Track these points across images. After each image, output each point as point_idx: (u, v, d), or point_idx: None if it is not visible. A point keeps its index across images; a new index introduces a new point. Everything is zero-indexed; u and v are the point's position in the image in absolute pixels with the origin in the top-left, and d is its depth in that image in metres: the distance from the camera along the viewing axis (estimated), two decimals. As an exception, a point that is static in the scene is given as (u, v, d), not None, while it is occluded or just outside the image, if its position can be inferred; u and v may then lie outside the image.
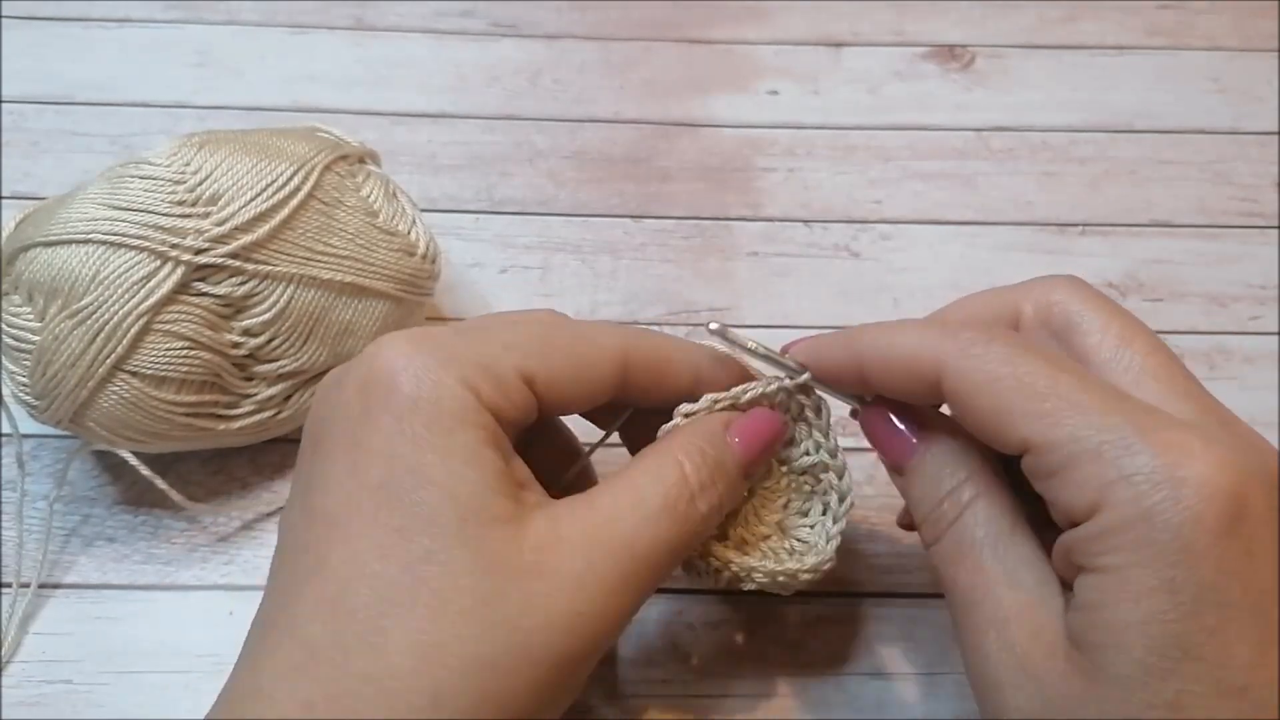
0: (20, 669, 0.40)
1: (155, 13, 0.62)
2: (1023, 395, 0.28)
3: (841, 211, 0.56)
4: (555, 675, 0.28)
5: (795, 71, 0.62)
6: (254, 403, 0.42)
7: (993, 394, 0.29)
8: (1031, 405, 0.28)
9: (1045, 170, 0.58)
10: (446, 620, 0.27)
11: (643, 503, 0.31)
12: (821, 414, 0.37)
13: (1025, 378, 0.29)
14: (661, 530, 0.31)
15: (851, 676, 0.41)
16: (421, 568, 0.28)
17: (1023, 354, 0.29)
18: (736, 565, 0.35)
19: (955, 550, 0.31)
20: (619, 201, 0.56)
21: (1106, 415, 0.27)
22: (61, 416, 0.40)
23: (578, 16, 0.64)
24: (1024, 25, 0.64)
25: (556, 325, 0.33)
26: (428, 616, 0.27)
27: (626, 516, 0.30)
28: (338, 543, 0.28)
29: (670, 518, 0.31)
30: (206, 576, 0.43)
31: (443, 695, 0.27)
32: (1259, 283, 0.53)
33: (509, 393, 0.31)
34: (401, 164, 0.56)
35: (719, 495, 0.32)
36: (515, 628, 0.28)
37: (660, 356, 0.34)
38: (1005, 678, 0.29)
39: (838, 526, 0.36)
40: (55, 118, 0.57)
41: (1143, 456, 0.26)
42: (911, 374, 0.31)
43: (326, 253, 0.41)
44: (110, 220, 0.39)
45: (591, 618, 0.29)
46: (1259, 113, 0.61)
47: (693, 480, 0.32)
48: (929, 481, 0.32)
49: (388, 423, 0.29)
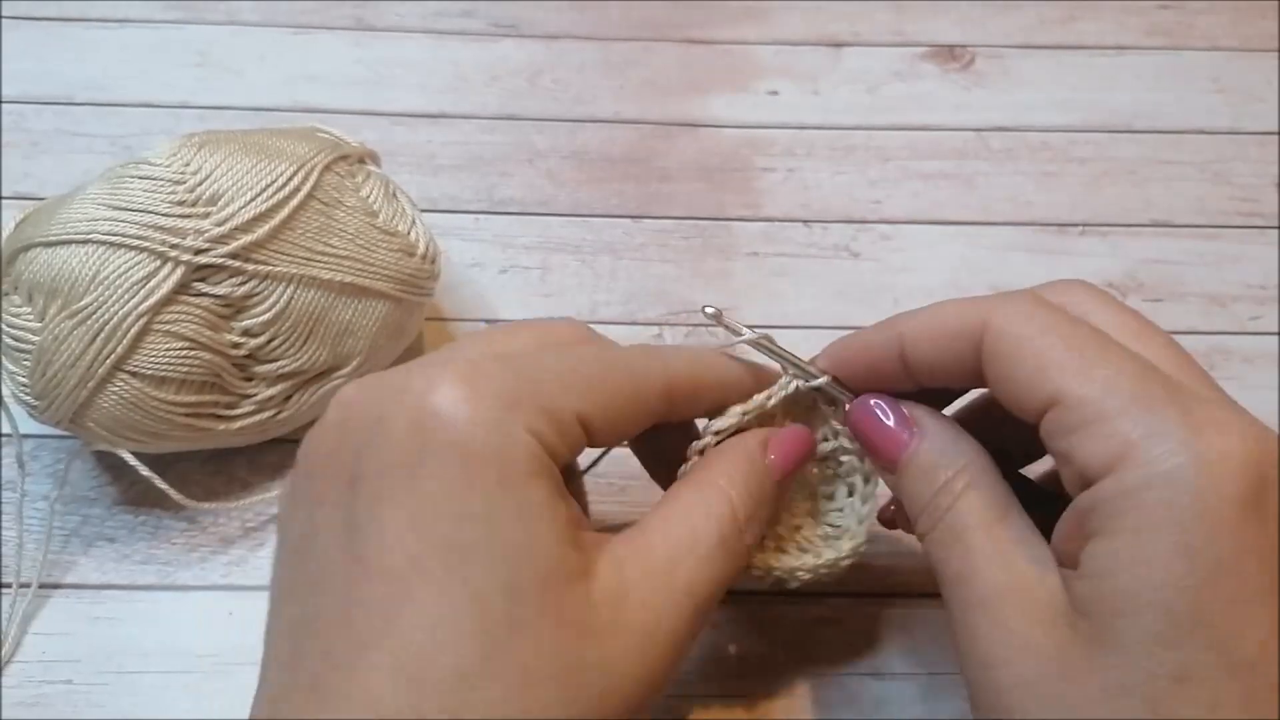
0: (20, 669, 0.40)
1: (155, 13, 0.62)
2: (1061, 349, 0.29)
3: (841, 211, 0.56)
4: None
5: (795, 71, 0.62)
6: (254, 403, 0.42)
7: (1026, 349, 0.29)
8: (1069, 359, 0.28)
9: (1045, 170, 0.58)
10: (530, 691, 0.26)
11: (698, 543, 0.30)
12: (834, 400, 0.36)
13: (1067, 335, 0.29)
14: (717, 570, 0.31)
15: (851, 676, 0.41)
16: (504, 637, 0.26)
17: (1060, 317, 0.30)
18: (779, 570, 0.35)
19: (948, 537, 0.31)
20: (619, 201, 0.56)
21: (1136, 380, 0.28)
22: (61, 417, 0.40)
23: (578, 16, 0.64)
24: (1023, 25, 0.64)
25: (606, 361, 0.32)
26: (512, 687, 0.26)
27: (685, 558, 0.30)
28: (407, 606, 0.26)
29: (724, 554, 0.31)
30: (206, 576, 0.43)
31: None
32: (1259, 283, 0.53)
33: (568, 437, 0.29)
34: (401, 164, 0.56)
35: (764, 522, 0.33)
36: (597, 691, 0.27)
37: (696, 379, 0.34)
38: (998, 654, 0.28)
39: (867, 506, 0.36)
40: (55, 118, 0.57)
41: (1171, 420, 0.26)
42: (956, 337, 0.31)
43: (326, 253, 0.41)
44: (110, 220, 0.39)
45: (659, 665, 0.29)
46: (1259, 113, 0.61)
47: (741, 514, 0.31)
48: (924, 475, 0.32)
49: (454, 474, 0.27)
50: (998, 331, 0.30)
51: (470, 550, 0.26)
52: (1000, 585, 0.29)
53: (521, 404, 0.28)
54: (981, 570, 0.30)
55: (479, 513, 0.27)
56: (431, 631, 0.26)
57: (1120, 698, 0.26)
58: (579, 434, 0.30)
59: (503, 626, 0.26)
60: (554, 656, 0.26)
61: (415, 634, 0.26)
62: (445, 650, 0.26)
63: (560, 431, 0.29)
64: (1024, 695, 0.28)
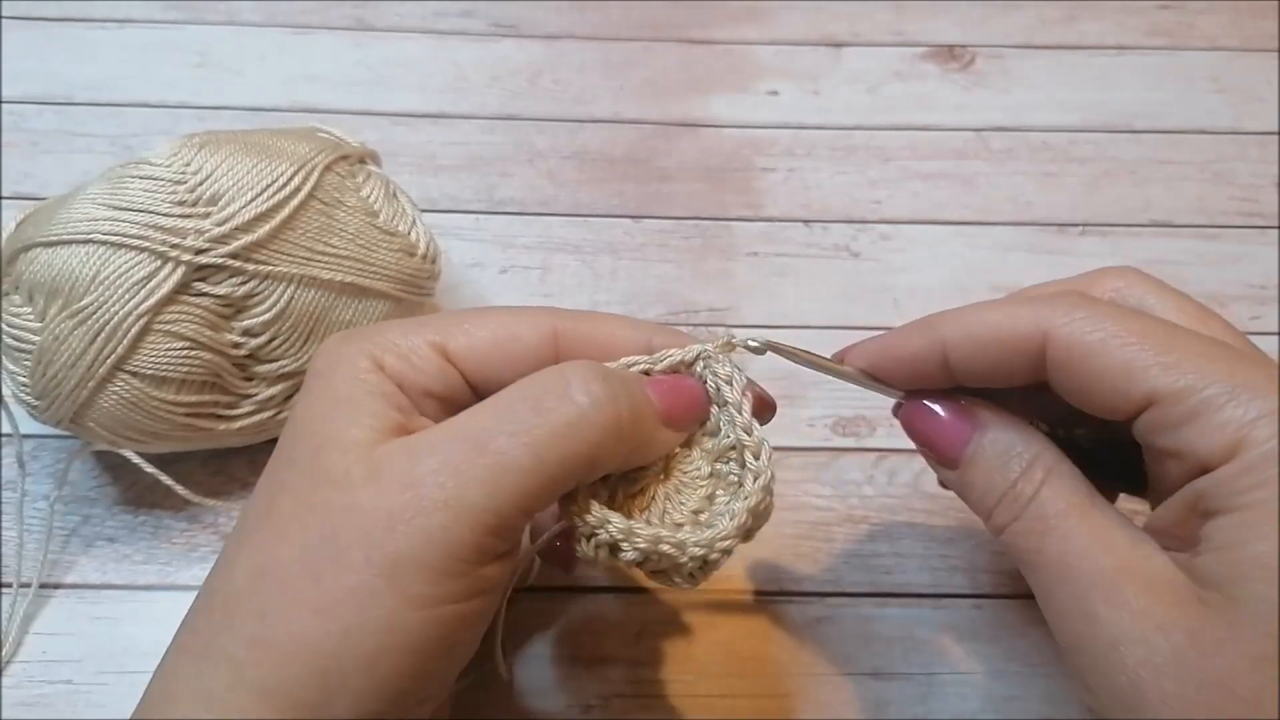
0: (20, 669, 0.40)
1: (155, 13, 0.62)
2: (1146, 348, 0.28)
3: (841, 211, 0.56)
4: (380, 583, 0.27)
5: (795, 71, 0.62)
6: (254, 403, 0.42)
7: (1111, 351, 0.29)
8: (1158, 357, 0.28)
9: (1045, 170, 0.58)
10: (281, 539, 0.28)
11: (498, 400, 0.30)
12: (734, 386, 0.34)
13: (1143, 332, 0.29)
14: (517, 419, 0.29)
15: (851, 676, 0.41)
16: (275, 498, 0.29)
17: (1127, 314, 0.30)
18: (615, 527, 0.31)
19: (1038, 525, 0.30)
20: (619, 201, 0.56)
21: (1229, 363, 0.28)
22: (62, 416, 0.40)
23: (578, 17, 0.64)
24: (1024, 25, 0.64)
25: (486, 308, 0.34)
26: (269, 540, 0.29)
27: (478, 412, 0.29)
28: (241, 509, 0.31)
29: (531, 408, 0.29)
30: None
31: (268, 607, 0.28)
32: (1259, 283, 0.53)
33: (416, 361, 0.32)
34: (401, 164, 0.56)
35: (613, 395, 0.30)
36: (335, 534, 0.28)
37: (598, 332, 0.33)
38: (1121, 634, 0.28)
39: (746, 504, 0.32)
40: (55, 118, 0.57)
41: (1275, 397, 0.27)
42: (1008, 346, 0.31)
43: (327, 253, 0.41)
44: (110, 220, 0.39)
45: (418, 517, 0.27)
46: (1259, 113, 0.61)
47: (574, 381, 0.30)
48: (993, 467, 0.32)
49: (300, 398, 0.32)
50: (1067, 342, 0.30)
51: (287, 443, 0.31)
52: (1111, 567, 0.29)
53: (365, 338, 0.32)
54: (1089, 554, 0.29)
55: (300, 415, 0.31)
56: (242, 518, 0.30)
57: (1267, 665, 0.26)
58: (436, 360, 0.32)
59: (275, 490, 0.30)
60: (300, 506, 0.29)
61: (237, 527, 0.30)
62: (241, 525, 0.30)
63: (406, 357, 0.32)
64: (1157, 673, 0.27)
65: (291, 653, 0.27)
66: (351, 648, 0.27)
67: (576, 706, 0.40)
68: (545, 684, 0.40)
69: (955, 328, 0.32)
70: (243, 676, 0.27)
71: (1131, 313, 0.30)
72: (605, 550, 0.32)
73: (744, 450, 0.34)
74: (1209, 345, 0.29)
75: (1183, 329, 0.29)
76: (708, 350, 0.34)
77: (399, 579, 0.27)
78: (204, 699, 0.27)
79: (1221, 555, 0.27)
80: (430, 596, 0.27)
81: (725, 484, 0.34)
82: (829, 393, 0.48)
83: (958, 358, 0.32)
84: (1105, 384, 0.29)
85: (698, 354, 0.34)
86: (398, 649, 0.27)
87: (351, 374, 0.31)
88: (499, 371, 0.32)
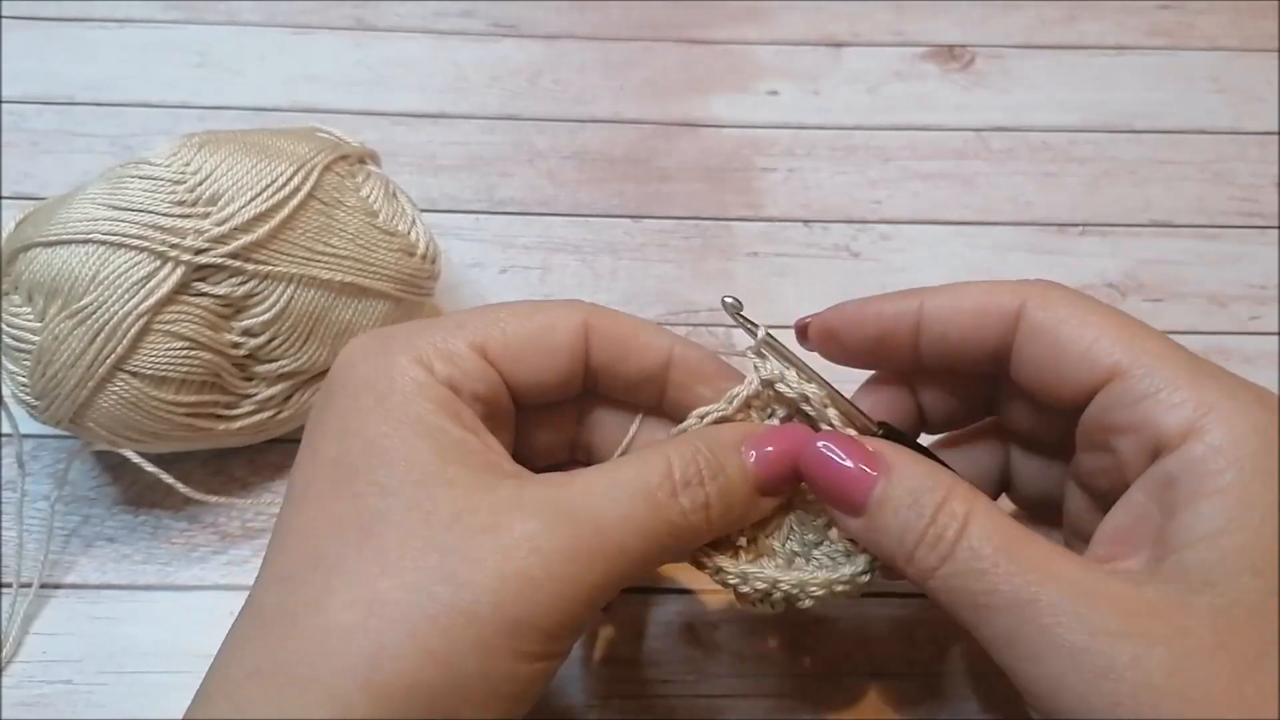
0: (20, 669, 0.40)
1: (155, 13, 0.62)
2: (1113, 323, 0.30)
3: (841, 211, 0.56)
4: (502, 639, 0.27)
5: (795, 71, 0.62)
6: (254, 403, 0.42)
7: (1080, 326, 0.30)
8: (1123, 331, 0.30)
9: (1045, 170, 0.58)
10: (391, 576, 0.27)
11: (617, 485, 0.30)
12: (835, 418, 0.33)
13: (1112, 314, 0.30)
14: (634, 512, 0.29)
15: (851, 676, 0.41)
16: (373, 528, 0.28)
17: (1095, 300, 0.31)
18: (732, 573, 0.33)
19: (978, 565, 0.28)
20: (619, 201, 0.56)
21: (1192, 357, 0.29)
22: (61, 416, 0.40)
23: (578, 17, 0.64)
24: (1024, 25, 0.64)
25: (516, 304, 0.34)
26: (373, 573, 0.27)
27: (596, 491, 0.30)
28: (294, 519, 0.29)
29: (646, 503, 0.29)
30: (206, 576, 0.43)
31: (384, 649, 0.27)
32: (1259, 283, 0.53)
33: (462, 365, 0.31)
34: (401, 164, 0.56)
35: (708, 497, 0.31)
36: (461, 584, 0.27)
37: (624, 330, 0.34)
38: (1110, 661, 0.26)
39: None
40: (55, 118, 0.57)
41: (1237, 380, 0.28)
42: (986, 314, 0.32)
43: (326, 253, 0.41)
44: (110, 220, 0.39)
45: (545, 584, 0.28)
46: (1259, 113, 0.61)
47: (678, 474, 0.30)
48: (905, 509, 0.30)
49: (342, 403, 0.30)
50: (1041, 313, 0.31)
51: (350, 461, 0.29)
52: (1075, 595, 0.27)
53: (409, 341, 0.31)
54: (1047, 587, 0.27)
55: (360, 428, 0.30)
56: (307, 534, 0.29)
57: (1266, 662, 0.25)
58: (479, 363, 0.32)
59: (371, 520, 0.28)
60: (418, 547, 0.28)
61: (295, 540, 0.29)
62: (318, 547, 0.29)
63: (453, 361, 0.31)
64: (1156, 693, 0.26)
65: (406, 695, 0.27)
66: (465, 694, 0.27)
67: (577, 706, 0.40)
68: (545, 684, 0.40)
69: (936, 295, 0.33)
70: (348, 713, 0.26)
71: (1103, 302, 0.31)
72: (759, 599, 0.34)
73: None
74: (1170, 341, 0.30)
75: (1139, 320, 0.31)
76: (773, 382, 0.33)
77: (518, 637, 0.28)
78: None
79: (1201, 551, 0.26)
80: (538, 654, 0.28)
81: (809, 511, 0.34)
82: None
83: (932, 327, 0.32)
84: (1072, 355, 0.30)
85: (757, 390, 0.33)
86: (501, 698, 0.28)
87: (412, 390, 0.30)
88: (535, 369, 0.33)
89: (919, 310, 0.32)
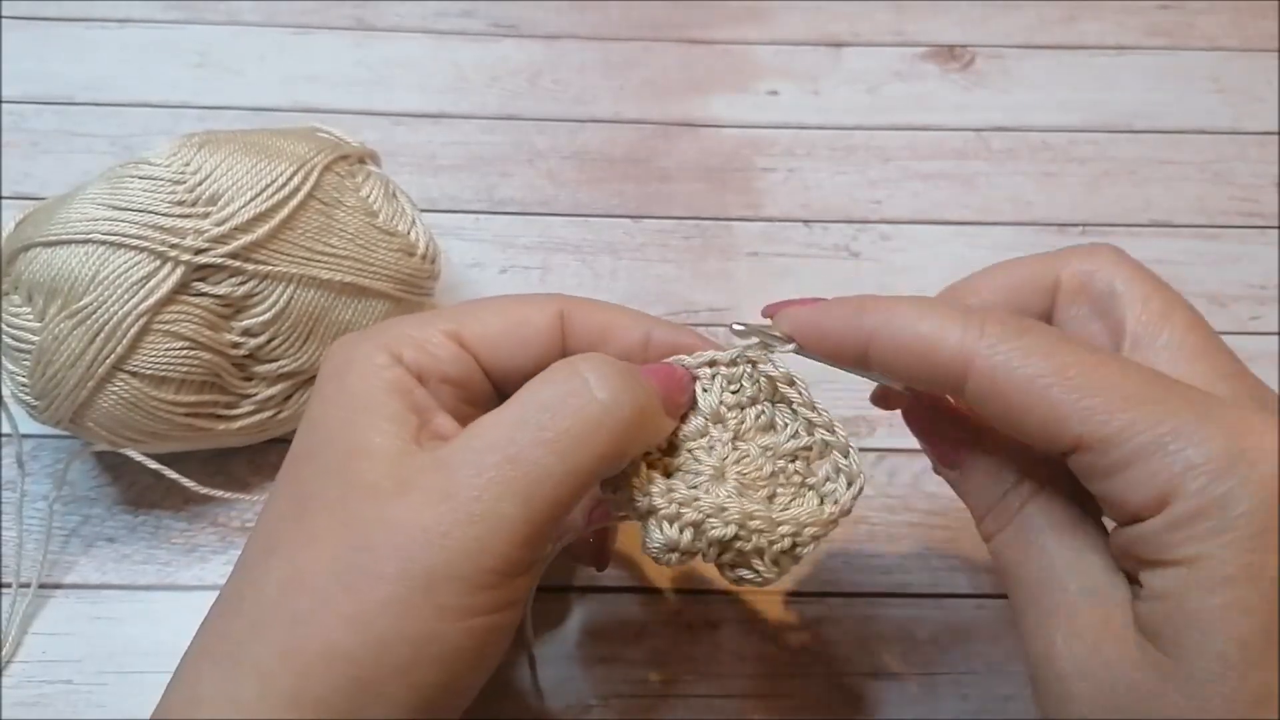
0: (20, 669, 0.40)
1: (155, 13, 0.62)
2: (1070, 391, 0.27)
3: (841, 211, 0.56)
4: (418, 597, 0.27)
5: (795, 71, 0.62)
6: (254, 403, 0.42)
7: (1035, 392, 0.27)
8: (1082, 401, 0.26)
9: (1045, 170, 0.58)
10: (313, 549, 0.28)
11: (524, 406, 0.29)
12: (797, 386, 0.34)
13: (1068, 371, 0.27)
14: (546, 431, 0.28)
15: (851, 676, 0.41)
16: (307, 505, 0.29)
17: (1058, 345, 0.27)
18: (707, 503, 0.31)
19: (1020, 540, 0.30)
20: (619, 201, 0.56)
21: (1160, 404, 0.26)
22: (61, 416, 0.40)
23: (578, 16, 0.64)
24: (1024, 25, 0.64)
25: (495, 297, 0.35)
26: (296, 547, 0.29)
27: (506, 420, 0.29)
28: (263, 511, 0.31)
29: (557, 413, 0.29)
30: (206, 576, 0.43)
31: (298, 617, 0.27)
32: (1259, 283, 0.53)
33: (434, 351, 0.32)
34: (401, 164, 0.56)
35: (633, 395, 0.30)
36: (373, 548, 0.27)
37: (601, 316, 0.34)
38: (1072, 667, 0.27)
39: (851, 491, 0.32)
40: (55, 118, 0.57)
41: (1206, 444, 0.25)
42: (931, 365, 0.29)
43: (326, 253, 0.41)
44: (110, 220, 0.39)
45: (453, 530, 0.27)
46: (1259, 113, 0.61)
47: (591, 378, 0.30)
48: (988, 479, 0.31)
49: (313, 395, 0.32)
50: (987, 376, 0.28)
51: (307, 446, 0.31)
52: (1076, 595, 0.28)
53: (381, 333, 0.32)
54: (1061, 578, 0.28)
55: (319, 414, 0.31)
56: (263, 521, 0.30)
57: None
58: (451, 348, 0.32)
59: (304, 497, 0.29)
60: (331, 518, 0.28)
61: (256, 530, 0.30)
62: (263, 530, 0.30)
63: (423, 347, 0.32)
64: (1092, 708, 0.27)
65: (324, 663, 0.27)
66: (385, 659, 0.27)
67: (577, 706, 0.40)
68: (546, 684, 0.40)
69: (884, 328, 0.30)
70: (273, 686, 0.27)
71: (1057, 344, 0.28)
72: (690, 532, 0.30)
73: (830, 449, 0.33)
74: (1143, 384, 0.27)
75: (1118, 361, 0.27)
76: (748, 352, 0.34)
77: (434, 592, 0.27)
78: (232, 706, 0.27)
79: (1158, 605, 0.26)
80: (464, 609, 0.28)
81: (789, 484, 0.33)
82: (829, 392, 0.47)
83: (879, 359, 0.30)
84: (1031, 422, 0.27)
85: (735, 356, 0.34)
86: (431, 660, 0.27)
87: (368, 372, 0.31)
88: (511, 354, 0.33)
89: (866, 338, 0.30)
